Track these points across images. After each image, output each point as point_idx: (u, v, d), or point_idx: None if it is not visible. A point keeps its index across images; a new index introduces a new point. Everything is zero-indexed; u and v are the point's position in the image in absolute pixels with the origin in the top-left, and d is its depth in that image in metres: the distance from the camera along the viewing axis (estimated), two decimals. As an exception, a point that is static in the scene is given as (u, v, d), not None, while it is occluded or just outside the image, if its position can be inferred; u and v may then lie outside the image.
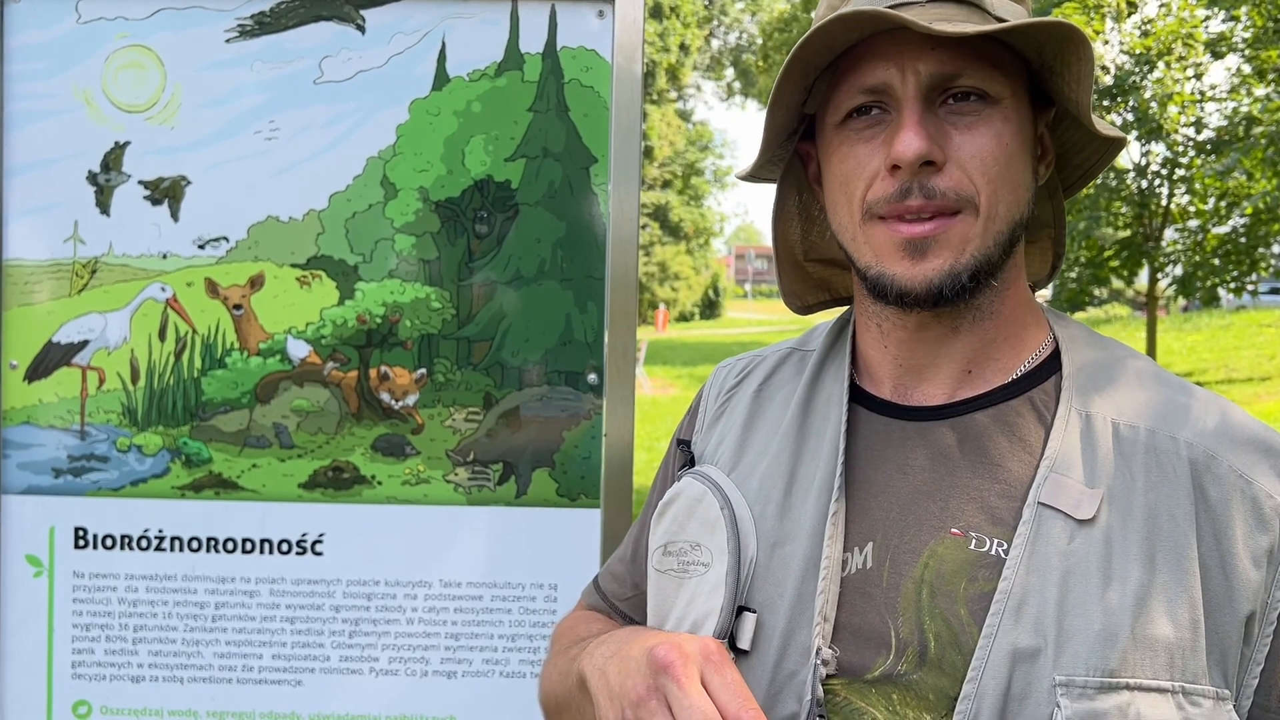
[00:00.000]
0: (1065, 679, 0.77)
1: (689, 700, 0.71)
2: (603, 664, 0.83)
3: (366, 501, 1.47)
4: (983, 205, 0.85)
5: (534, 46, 1.44)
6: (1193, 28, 11.24)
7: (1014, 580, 0.81)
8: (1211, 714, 0.78)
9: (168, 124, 1.44)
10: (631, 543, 1.11)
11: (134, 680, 1.46)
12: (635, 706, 0.75)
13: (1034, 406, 0.89)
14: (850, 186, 0.88)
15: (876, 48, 0.85)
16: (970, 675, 0.79)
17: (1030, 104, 0.89)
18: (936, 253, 0.85)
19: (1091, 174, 0.98)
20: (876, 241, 0.87)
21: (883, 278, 0.87)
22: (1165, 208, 12.33)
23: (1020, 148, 0.87)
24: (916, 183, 0.84)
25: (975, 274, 0.86)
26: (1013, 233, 0.87)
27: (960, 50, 0.84)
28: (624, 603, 1.10)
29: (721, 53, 34.93)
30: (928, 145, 0.82)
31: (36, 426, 1.46)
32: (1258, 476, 0.83)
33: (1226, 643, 0.80)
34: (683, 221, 33.61)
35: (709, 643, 0.76)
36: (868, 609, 0.85)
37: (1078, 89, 0.85)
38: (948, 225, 0.84)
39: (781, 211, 1.05)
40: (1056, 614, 0.79)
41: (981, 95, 0.85)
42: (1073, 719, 0.76)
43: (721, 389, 1.06)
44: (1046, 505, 0.83)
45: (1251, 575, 0.81)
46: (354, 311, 1.46)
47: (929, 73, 0.84)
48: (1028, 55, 0.87)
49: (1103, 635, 0.78)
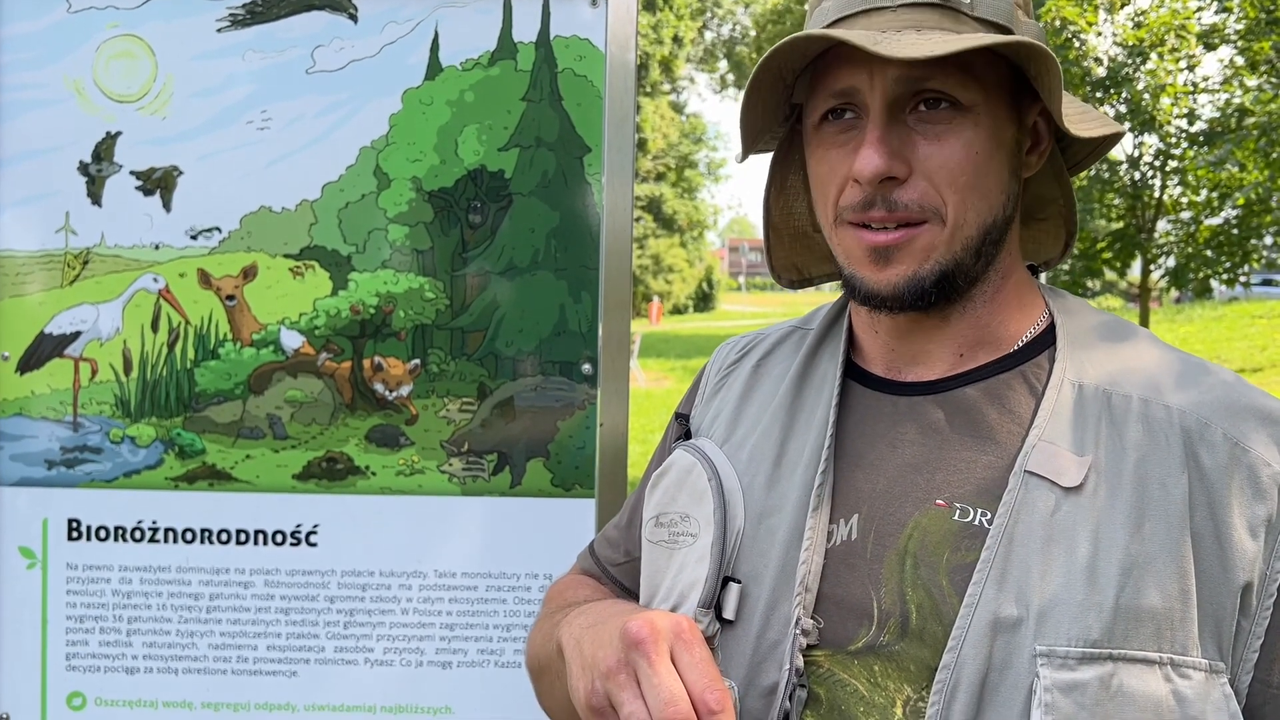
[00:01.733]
0: (1046, 649, 0.77)
1: (657, 677, 0.72)
2: (579, 634, 0.84)
3: (361, 492, 1.46)
4: (950, 215, 0.85)
5: (527, 36, 1.44)
6: (1185, 19, 11.25)
7: (996, 549, 0.80)
8: (1204, 687, 0.77)
9: (159, 114, 1.44)
10: (629, 510, 1.13)
11: (128, 671, 1.46)
12: (605, 678, 0.76)
13: (1025, 379, 0.89)
14: (825, 189, 0.90)
15: (847, 52, 0.86)
16: (950, 645, 0.79)
17: (1013, 101, 0.89)
18: (900, 260, 0.86)
19: (1098, 152, 0.97)
20: (846, 245, 0.90)
21: (854, 279, 0.90)
22: (1158, 199, 12.35)
23: (993, 154, 0.86)
24: (880, 195, 0.85)
25: (940, 280, 0.87)
26: (986, 236, 0.88)
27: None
28: (616, 568, 1.11)
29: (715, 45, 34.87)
30: (886, 163, 0.83)
31: (29, 418, 1.45)
32: (1254, 444, 0.82)
33: (1221, 614, 0.79)
34: (676, 214, 33.59)
35: (681, 620, 0.76)
36: (851, 580, 0.86)
37: (1050, 100, 0.85)
38: (911, 235, 0.86)
39: (784, 185, 1.05)
40: (1039, 583, 0.79)
41: (952, 102, 0.84)
42: (1053, 689, 0.76)
43: (723, 365, 1.08)
44: (1033, 473, 0.82)
45: (1248, 545, 0.80)
46: (347, 302, 1.45)
47: (896, 78, 0.84)
48: (1006, 54, 0.87)
49: (1086, 605, 0.78)
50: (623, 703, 0.74)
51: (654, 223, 32.61)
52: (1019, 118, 0.90)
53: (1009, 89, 0.88)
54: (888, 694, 0.82)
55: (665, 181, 32.60)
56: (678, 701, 0.71)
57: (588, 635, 0.82)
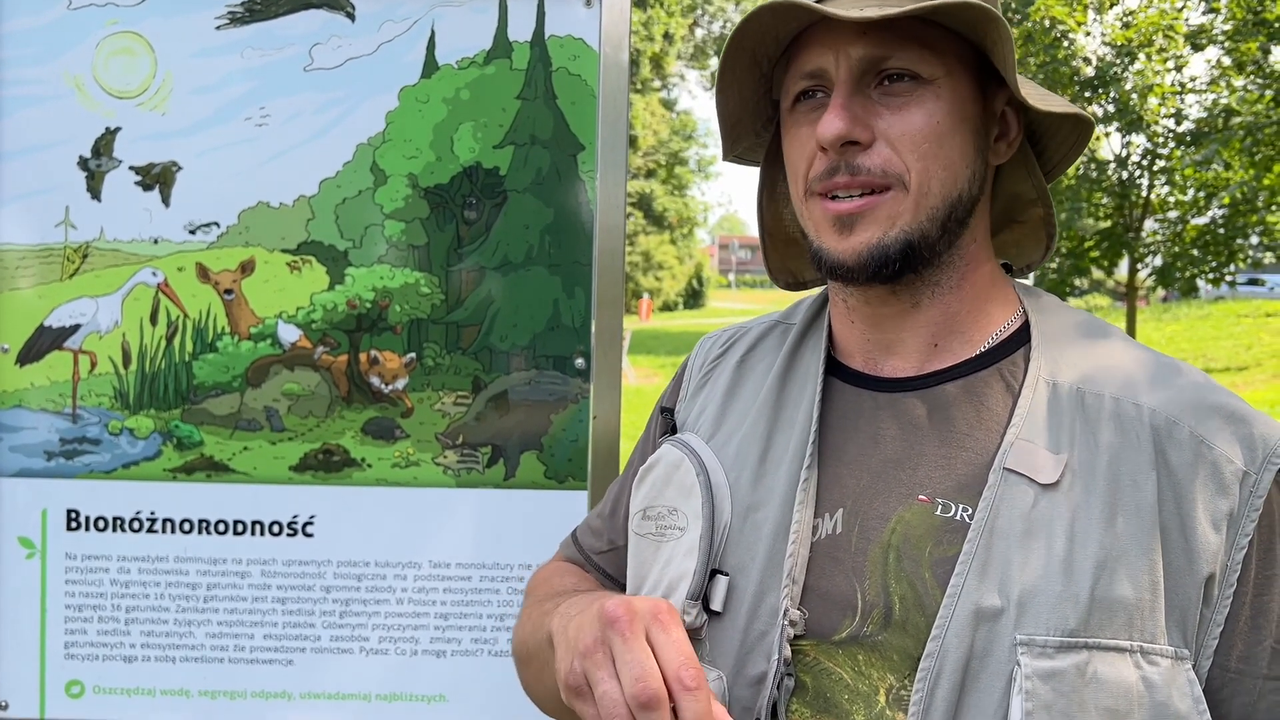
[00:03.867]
0: (1026, 638, 0.80)
1: (630, 654, 0.74)
2: (566, 622, 0.85)
3: (356, 484, 1.49)
4: (913, 182, 0.88)
5: (522, 35, 1.46)
6: (1173, 20, 11.31)
7: (977, 543, 0.83)
8: (1170, 673, 0.81)
9: (158, 110, 1.45)
10: (612, 500, 1.14)
11: (126, 660, 1.48)
12: (582, 657, 0.77)
13: (1002, 377, 0.92)
14: (796, 165, 0.93)
15: (816, 35, 0.89)
16: (934, 634, 0.82)
17: (978, 82, 0.91)
18: (863, 227, 0.88)
19: (1071, 154, 0.99)
20: (814, 217, 0.92)
21: (820, 251, 0.92)
22: (1145, 199, 12.43)
23: (955, 125, 0.89)
24: (843, 161, 0.88)
25: (905, 249, 0.88)
26: (951, 210, 0.90)
27: (891, 34, 0.87)
28: (599, 556, 1.13)
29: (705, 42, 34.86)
30: (847, 125, 0.86)
31: (28, 409, 1.47)
32: (1218, 442, 0.86)
33: (1186, 604, 0.83)
34: (667, 211, 33.60)
35: (660, 603, 0.78)
36: (836, 573, 0.88)
37: (1004, 66, 0.87)
38: (875, 202, 0.88)
39: (774, 192, 1.08)
40: (1019, 575, 0.82)
41: (914, 76, 0.88)
42: (1032, 676, 0.79)
43: (706, 359, 1.10)
44: (1011, 470, 0.85)
45: (1211, 538, 0.84)
46: (344, 296, 1.47)
47: (859, 56, 0.87)
48: (966, 35, 0.89)
49: (1063, 596, 0.81)
50: (598, 681, 0.75)
51: (644, 219, 32.60)
52: (984, 100, 0.92)
53: (972, 69, 0.91)
54: (871, 682, 0.85)
55: (655, 178, 32.60)
56: (648, 678, 0.72)
57: (573, 621, 0.84)
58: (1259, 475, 0.85)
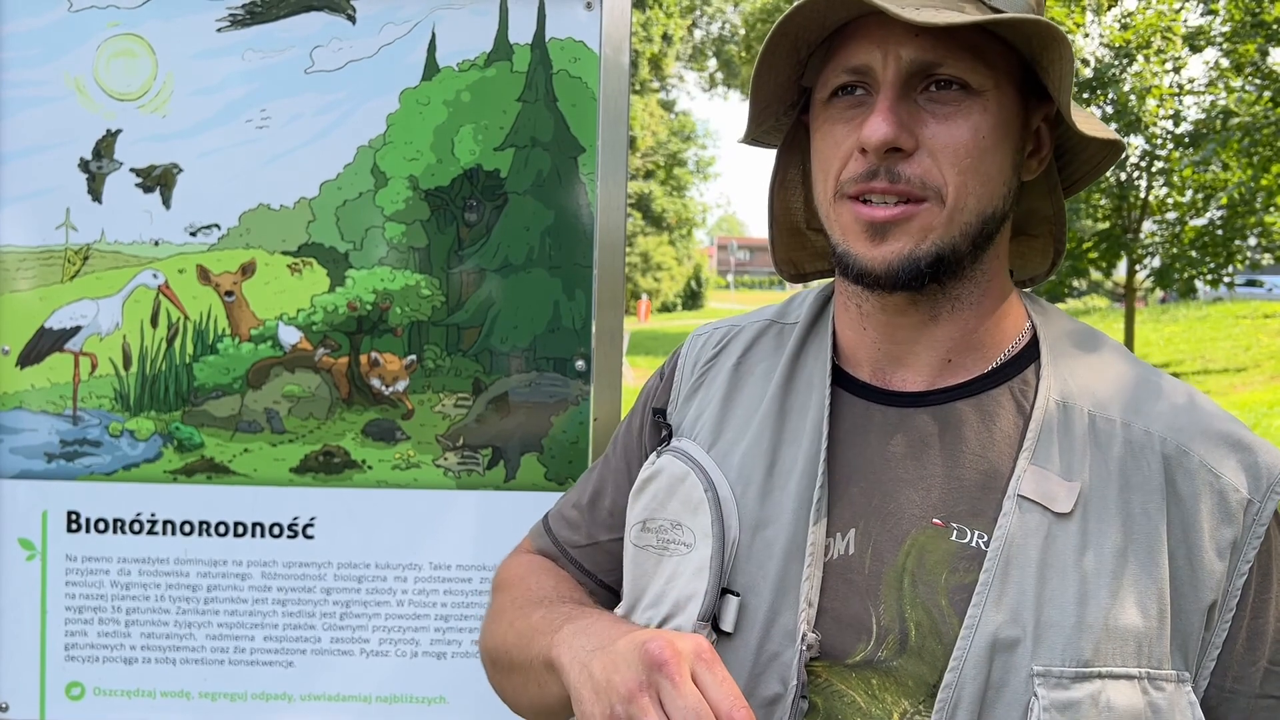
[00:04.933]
0: (1043, 669, 0.80)
1: (683, 699, 0.72)
2: (586, 658, 0.82)
3: (357, 485, 1.49)
4: (950, 196, 0.86)
5: (523, 37, 1.46)
6: (1171, 21, 11.32)
7: (994, 572, 0.83)
8: (1173, 696, 0.82)
9: (159, 112, 1.45)
10: (591, 489, 1.10)
11: (127, 662, 1.48)
12: (626, 702, 0.74)
13: (1013, 396, 0.91)
14: (827, 163, 0.90)
15: (864, 29, 0.86)
16: (952, 665, 0.82)
17: (1021, 97, 0.89)
18: (896, 237, 0.86)
19: (1094, 173, 0.98)
20: (844, 220, 0.89)
21: (847, 256, 0.89)
22: (1144, 200, 12.43)
23: (999, 141, 0.87)
24: (884, 167, 0.85)
25: (936, 262, 0.87)
26: (984, 226, 0.88)
27: (945, 39, 0.84)
28: (577, 550, 1.09)
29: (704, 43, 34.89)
30: (895, 131, 0.84)
31: (29, 411, 1.47)
32: (1225, 471, 0.86)
33: (1189, 629, 0.84)
34: (665, 212, 33.61)
35: (701, 641, 0.76)
36: (850, 595, 0.87)
37: (1059, 88, 0.86)
38: (911, 212, 0.86)
39: (785, 179, 1.06)
40: (1035, 606, 0.82)
41: (963, 85, 0.85)
42: (1050, 708, 0.79)
43: (698, 360, 1.06)
44: (1026, 498, 0.85)
45: (1215, 566, 0.84)
46: (345, 298, 1.48)
47: (910, 59, 0.84)
48: (1019, 48, 0.87)
49: (1078, 627, 0.81)
50: None
51: (643, 220, 32.62)
52: (1025, 116, 0.91)
53: (1018, 83, 0.89)
54: (885, 707, 0.84)
55: (654, 179, 32.61)
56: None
57: (597, 659, 0.80)
58: (1262, 504, 0.86)
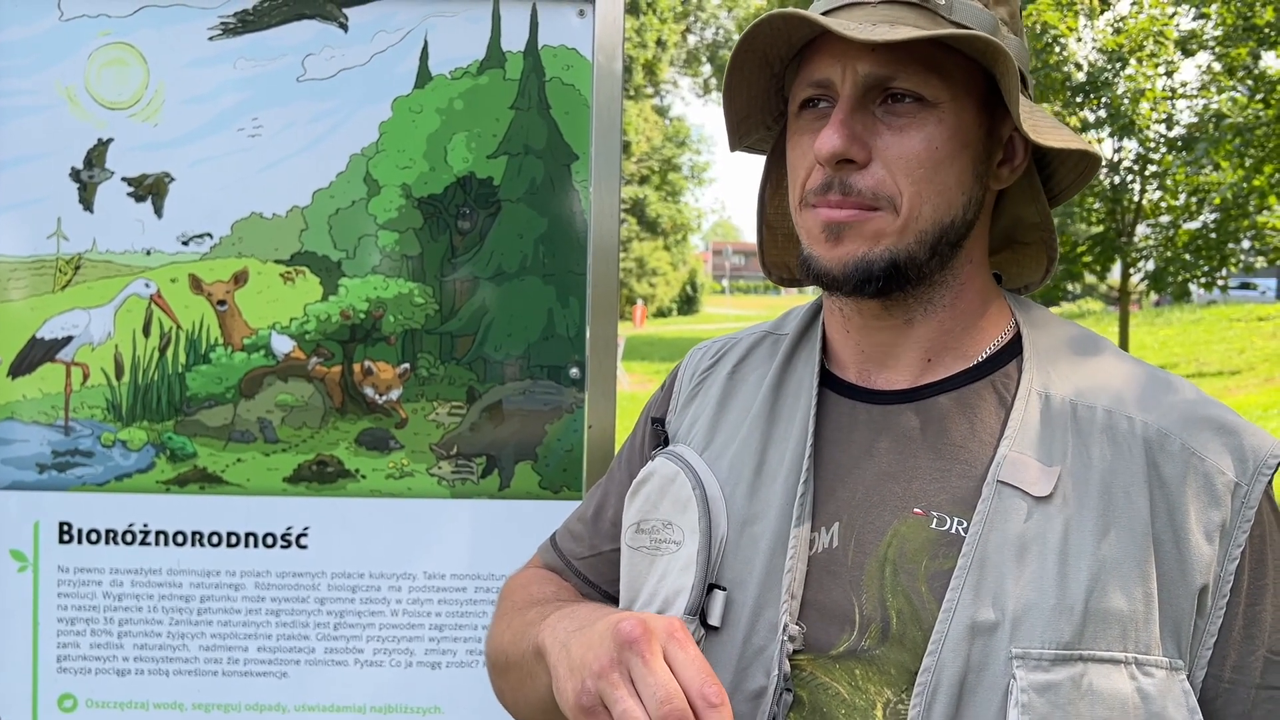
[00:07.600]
0: (1021, 651, 0.80)
1: (653, 675, 0.72)
2: (565, 638, 0.83)
3: (351, 495, 1.48)
4: (904, 205, 0.88)
5: (515, 45, 1.46)
6: (1164, 25, 11.36)
7: (972, 557, 0.84)
8: (1165, 684, 0.81)
9: (151, 121, 1.45)
10: (595, 503, 1.12)
11: (119, 674, 1.47)
12: (597, 678, 0.75)
13: (995, 389, 0.92)
14: (795, 173, 0.93)
15: (827, 44, 0.89)
16: (930, 649, 0.82)
17: (986, 109, 0.91)
18: (851, 239, 0.89)
19: (1080, 181, 0.99)
20: (807, 225, 0.92)
21: (810, 259, 0.92)
22: (1137, 203, 12.47)
23: (955, 151, 0.89)
24: (838, 179, 0.88)
25: (891, 267, 0.88)
26: (943, 234, 0.90)
27: (900, 53, 0.86)
28: (581, 562, 1.10)
29: (698, 48, 34.95)
30: (845, 144, 0.86)
31: (20, 422, 1.46)
32: (1210, 454, 0.86)
33: (1179, 615, 0.84)
34: (660, 217, 33.64)
35: (673, 621, 0.77)
36: (833, 587, 0.88)
37: (1009, 98, 0.87)
38: (864, 217, 0.88)
39: (779, 184, 1.07)
40: (1014, 589, 0.82)
41: (917, 98, 0.87)
42: (1028, 690, 0.79)
43: (696, 370, 1.09)
44: (1005, 483, 0.86)
45: (1204, 549, 0.84)
46: (338, 307, 1.47)
47: (865, 73, 0.87)
48: (981, 61, 0.89)
49: (1058, 609, 0.81)
50: (616, 700, 0.74)
51: (638, 226, 32.64)
52: (990, 125, 0.92)
53: (980, 95, 0.90)
54: (868, 697, 0.85)
55: (649, 185, 32.64)
56: (674, 698, 0.71)
57: (575, 639, 0.82)
58: (1250, 486, 0.86)
